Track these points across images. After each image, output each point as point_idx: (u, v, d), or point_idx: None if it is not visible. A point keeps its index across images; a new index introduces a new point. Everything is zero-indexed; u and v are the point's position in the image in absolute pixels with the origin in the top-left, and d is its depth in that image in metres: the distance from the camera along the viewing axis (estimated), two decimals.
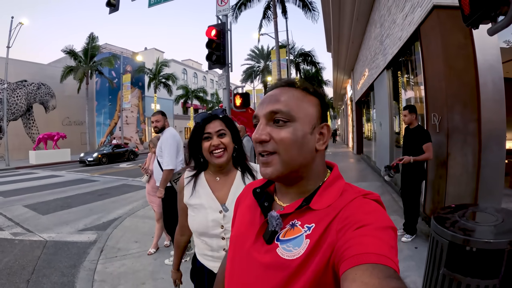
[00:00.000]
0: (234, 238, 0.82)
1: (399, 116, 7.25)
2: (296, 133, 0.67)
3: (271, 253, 0.67)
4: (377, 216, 0.60)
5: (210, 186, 1.43)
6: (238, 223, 0.85)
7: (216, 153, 1.35)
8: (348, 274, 0.51)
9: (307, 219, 0.67)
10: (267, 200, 0.77)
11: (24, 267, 3.73)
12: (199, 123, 1.40)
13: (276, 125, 0.68)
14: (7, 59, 17.32)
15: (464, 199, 3.78)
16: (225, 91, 6.60)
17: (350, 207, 0.64)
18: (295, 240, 0.65)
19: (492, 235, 1.64)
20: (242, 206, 0.88)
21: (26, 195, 8.34)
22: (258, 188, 0.82)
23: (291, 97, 0.70)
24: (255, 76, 30.47)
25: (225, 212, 1.36)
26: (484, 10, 1.97)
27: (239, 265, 0.74)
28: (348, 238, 0.57)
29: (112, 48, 32.40)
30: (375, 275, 0.48)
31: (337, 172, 0.75)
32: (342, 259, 0.55)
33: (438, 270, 1.75)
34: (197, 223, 1.39)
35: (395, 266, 0.51)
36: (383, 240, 0.55)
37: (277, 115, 0.68)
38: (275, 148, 0.68)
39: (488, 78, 3.73)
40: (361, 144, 15.84)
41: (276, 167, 0.68)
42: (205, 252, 1.41)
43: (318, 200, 0.68)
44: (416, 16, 4.64)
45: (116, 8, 9.35)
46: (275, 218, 0.68)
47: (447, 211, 1.95)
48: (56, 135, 19.45)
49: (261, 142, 0.69)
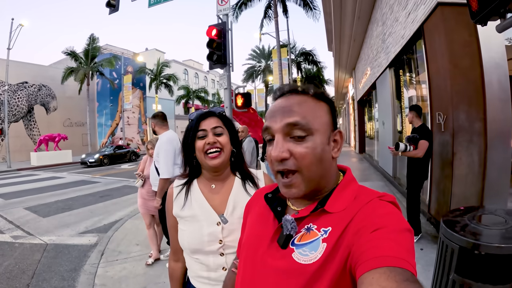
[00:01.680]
0: (246, 246, 0.79)
1: (402, 115, 7.20)
2: (316, 147, 0.65)
3: (286, 258, 0.65)
4: (393, 218, 0.59)
5: (204, 194, 1.22)
6: (249, 230, 0.82)
7: (211, 152, 1.16)
8: (365, 278, 0.49)
9: (323, 223, 0.65)
10: (280, 205, 0.75)
11: (24, 271, 3.69)
12: (192, 121, 1.22)
13: (295, 140, 0.65)
14: (7, 60, 17.33)
15: (469, 200, 3.71)
16: (226, 91, 6.55)
17: (366, 210, 0.62)
18: (312, 244, 0.64)
19: (503, 239, 1.59)
20: (253, 213, 0.85)
21: (27, 197, 8.32)
22: (270, 193, 0.80)
23: (306, 107, 0.67)
24: (257, 76, 30.48)
25: (223, 224, 1.16)
26: (492, 7, 1.91)
27: (252, 272, 0.72)
28: (364, 241, 0.56)
29: (112, 49, 32.39)
30: (393, 278, 0.47)
31: (351, 175, 0.74)
32: (358, 262, 0.53)
33: (448, 275, 1.69)
34: (189, 238, 1.17)
35: (412, 269, 0.50)
36: (399, 243, 0.54)
37: (296, 128, 0.64)
38: (296, 165, 0.65)
39: (494, 77, 3.67)
40: (363, 143, 15.79)
41: (300, 188, 0.66)
42: (200, 274, 1.18)
43: (333, 203, 0.66)
44: (420, 14, 4.58)
45: (116, 9, 9.31)
46: (290, 222, 0.67)
47: (456, 214, 1.89)
48: (57, 136, 19.49)
49: (281, 160, 0.65)
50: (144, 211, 3.75)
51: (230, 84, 6.58)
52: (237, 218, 1.16)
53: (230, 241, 1.14)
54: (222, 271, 1.14)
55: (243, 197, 1.21)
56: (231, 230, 1.15)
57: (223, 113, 1.28)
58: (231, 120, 1.29)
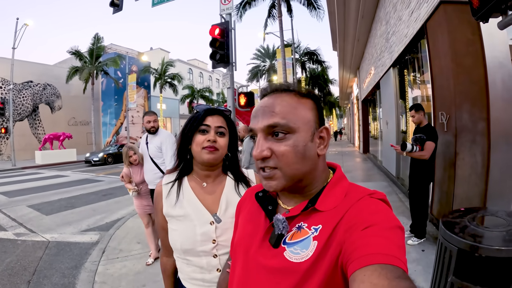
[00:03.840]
0: (237, 245, 0.80)
1: (406, 114, 7.14)
2: (297, 145, 0.65)
3: (278, 257, 0.65)
4: (384, 216, 0.59)
5: (195, 193, 1.19)
6: (240, 230, 0.82)
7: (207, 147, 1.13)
8: (357, 275, 0.50)
9: (314, 221, 0.65)
10: (271, 204, 0.75)
11: (25, 268, 3.71)
12: (198, 112, 1.18)
13: (276, 139, 0.66)
14: (12, 60, 17.47)
15: (472, 201, 3.66)
16: (230, 90, 6.54)
17: (357, 207, 0.62)
18: (303, 242, 0.64)
19: (504, 242, 1.56)
20: (244, 212, 0.85)
21: (31, 195, 8.38)
22: (260, 192, 0.80)
23: (286, 106, 0.67)
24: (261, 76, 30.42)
25: (217, 224, 1.13)
26: (494, 3, 1.88)
27: (245, 272, 0.72)
28: (355, 238, 0.56)
29: (117, 48, 32.53)
30: (384, 275, 0.47)
31: (341, 172, 0.74)
32: (350, 260, 0.54)
33: (446, 277, 1.67)
34: (182, 238, 1.13)
35: (403, 266, 0.50)
36: (391, 240, 0.54)
37: (276, 128, 0.65)
38: (277, 163, 0.65)
39: (497, 76, 3.62)
40: (368, 143, 15.69)
41: (279, 181, 0.66)
42: (193, 276, 1.15)
43: (323, 201, 0.67)
44: (423, 12, 4.53)
45: (119, 8, 9.35)
46: (281, 221, 0.67)
47: (456, 215, 1.85)
48: (62, 135, 19.60)
49: (263, 159, 0.66)
50: (140, 211, 3.78)
51: (233, 83, 6.56)
52: (230, 217, 1.14)
53: (223, 241, 1.13)
54: (216, 272, 1.12)
55: (235, 196, 1.20)
56: (224, 230, 1.14)
57: (229, 115, 1.26)
58: (234, 124, 1.28)
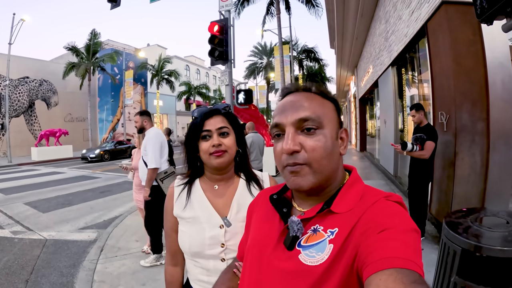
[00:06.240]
0: (251, 247, 0.78)
1: (404, 113, 7.16)
2: (327, 140, 0.65)
3: (293, 259, 0.65)
4: (400, 219, 0.58)
5: (207, 195, 1.16)
6: (254, 232, 0.81)
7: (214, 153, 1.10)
8: (372, 280, 0.49)
9: (330, 224, 0.65)
10: (285, 206, 0.74)
11: (23, 266, 3.69)
12: (196, 119, 1.14)
13: (307, 133, 0.66)
14: (9, 55, 17.27)
15: (471, 200, 3.69)
16: (228, 87, 6.51)
17: (373, 210, 0.62)
18: (318, 245, 0.63)
19: (506, 242, 1.57)
20: (257, 214, 0.85)
21: (27, 192, 8.33)
22: (275, 194, 0.78)
23: (315, 103, 0.68)
24: (258, 73, 30.43)
25: (227, 227, 1.11)
26: (499, 6, 1.87)
27: (258, 274, 0.71)
28: (371, 242, 0.55)
29: (114, 44, 32.26)
30: (400, 280, 0.46)
31: (356, 174, 0.73)
32: (365, 263, 0.53)
33: (449, 277, 1.68)
34: (190, 240, 1.11)
35: (420, 270, 0.50)
36: (407, 244, 0.53)
37: (307, 122, 0.65)
38: (306, 159, 0.64)
39: (498, 77, 3.63)
40: (365, 141, 15.76)
41: (308, 178, 0.65)
42: (200, 278, 1.13)
43: (339, 203, 0.66)
44: (423, 12, 4.53)
45: (117, 4, 9.24)
46: (296, 223, 0.66)
47: (459, 215, 1.87)
48: (58, 131, 19.48)
49: (292, 153, 0.65)
50: (140, 204, 3.85)
51: (232, 80, 6.54)
52: (241, 221, 1.10)
53: (232, 245, 1.10)
54: None
55: (247, 199, 1.14)
56: (234, 234, 1.10)
57: (228, 110, 1.19)
58: (236, 118, 1.22)
